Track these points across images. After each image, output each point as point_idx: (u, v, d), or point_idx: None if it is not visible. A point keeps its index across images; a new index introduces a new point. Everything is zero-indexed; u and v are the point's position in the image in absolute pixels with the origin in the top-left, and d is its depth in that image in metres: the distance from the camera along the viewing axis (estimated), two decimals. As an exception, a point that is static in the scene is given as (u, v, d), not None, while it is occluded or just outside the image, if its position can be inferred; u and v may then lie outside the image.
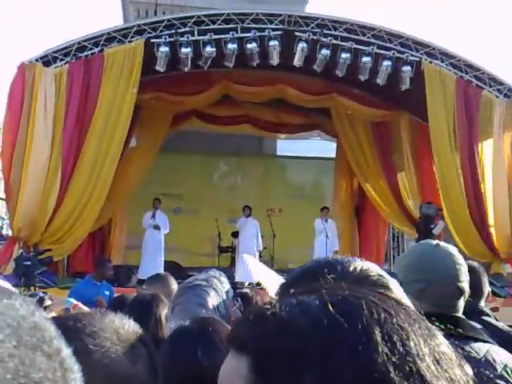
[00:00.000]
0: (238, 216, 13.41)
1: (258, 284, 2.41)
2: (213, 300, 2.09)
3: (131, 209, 13.47)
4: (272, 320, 0.63)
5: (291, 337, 0.60)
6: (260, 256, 13.67)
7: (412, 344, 0.59)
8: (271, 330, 0.61)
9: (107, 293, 7.15)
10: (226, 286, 2.21)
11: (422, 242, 2.11)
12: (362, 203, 14.72)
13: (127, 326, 1.09)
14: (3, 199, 10.96)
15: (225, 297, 2.15)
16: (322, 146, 15.85)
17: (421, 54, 10.85)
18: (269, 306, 0.65)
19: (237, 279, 10.92)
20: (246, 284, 10.27)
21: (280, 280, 2.40)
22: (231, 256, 13.87)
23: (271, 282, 2.39)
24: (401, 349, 0.58)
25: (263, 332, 0.62)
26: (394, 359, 0.57)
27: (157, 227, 12.02)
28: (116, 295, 5.53)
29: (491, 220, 10.87)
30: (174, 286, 3.91)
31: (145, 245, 12.10)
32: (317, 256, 12.93)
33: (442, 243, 1.99)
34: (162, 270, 9.97)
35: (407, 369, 0.57)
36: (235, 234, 13.82)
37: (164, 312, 2.51)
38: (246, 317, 0.66)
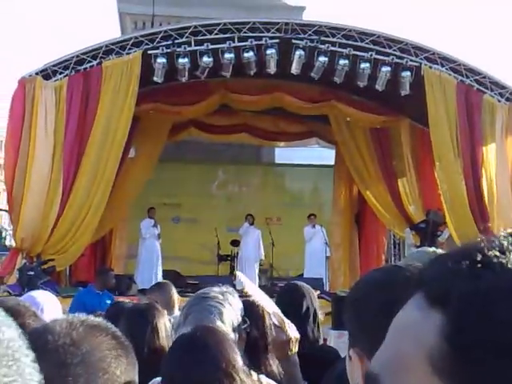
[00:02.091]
0: (237, 225, 13.49)
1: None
2: (227, 314, 2.12)
3: (131, 218, 13.54)
4: (494, 275, 0.45)
5: None
6: (260, 264, 13.72)
7: None
8: (489, 290, 0.44)
9: (108, 302, 7.17)
10: (239, 303, 2.23)
11: (419, 249, 2.14)
12: (362, 210, 14.72)
13: (78, 326, 1.03)
14: (6, 211, 11.06)
15: (238, 314, 2.17)
16: (320, 154, 15.85)
17: (420, 58, 10.80)
18: (493, 253, 0.47)
19: (238, 287, 10.95)
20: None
21: (269, 301, 2.43)
22: (231, 264, 13.89)
23: (263, 298, 2.43)
24: None
25: (476, 290, 0.45)
26: None
27: (159, 236, 12.29)
28: (113, 303, 5.55)
29: (495, 225, 10.81)
30: (175, 294, 3.96)
31: (144, 254, 12.33)
32: (308, 263, 12.95)
33: (440, 250, 2.02)
34: (161, 279, 10.11)
35: None
36: (234, 243, 13.86)
37: (162, 321, 2.52)
38: (450, 260, 0.48)
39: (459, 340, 0.44)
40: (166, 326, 2.52)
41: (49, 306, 2.82)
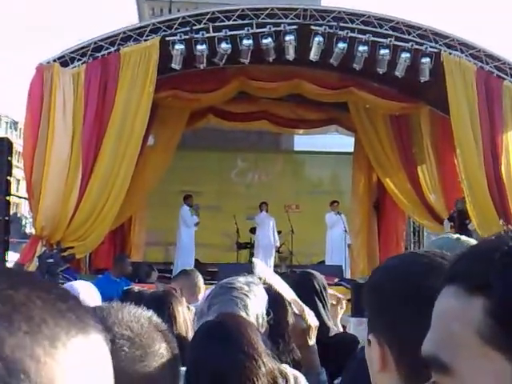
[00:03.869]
0: (256, 213, 13.49)
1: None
2: (253, 306, 2.09)
3: (150, 206, 13.60)
4: None
5: None
6: (279, 252, 13.73)
7: None
8: None
9: (126, 289, 7.20)
10: (264, 294, 2.20)
11: (442, 236, 2.09)
12: (382, 197, 14.64)
13: (143, 320, 1.06)
14: (26, 198, 11.15)
15: (263, 305, 2.14)
16: (339, 141, 15.76)
17: (440, 45, 10.69)
18: None
19: (256, 274, 11.00)
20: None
21: (287, 288, 2.41)
22: (250, 252, 13.91)
23: (282, 286, 2.40)
24: None
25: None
26: None
27: (197, 224, 12.47)
28: (123, 291, 5.56)
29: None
30: (200, 281, 3.94)
31: (183, 242, 12.56)
32: (329, 250, 12.91)
33: (463, 237, 1.97)
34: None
35: None
36: (253, 231, 13.87)
37: (179, 308, 2.53)
38: (485, 252, 0.58)
39: (503, 315, 0.54)
40: (184, 313, 2.52)
41: (86, 295, 2.84)
